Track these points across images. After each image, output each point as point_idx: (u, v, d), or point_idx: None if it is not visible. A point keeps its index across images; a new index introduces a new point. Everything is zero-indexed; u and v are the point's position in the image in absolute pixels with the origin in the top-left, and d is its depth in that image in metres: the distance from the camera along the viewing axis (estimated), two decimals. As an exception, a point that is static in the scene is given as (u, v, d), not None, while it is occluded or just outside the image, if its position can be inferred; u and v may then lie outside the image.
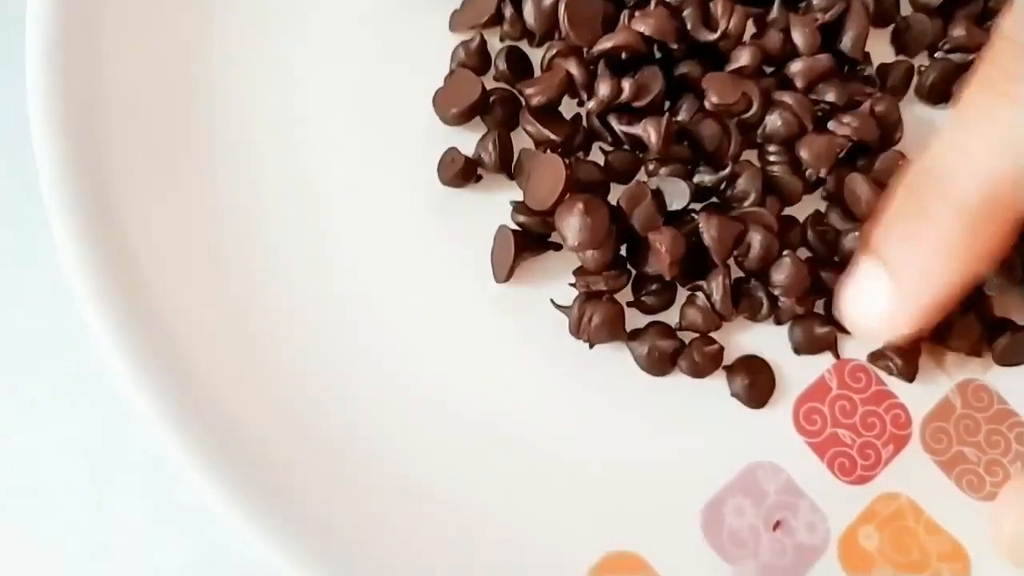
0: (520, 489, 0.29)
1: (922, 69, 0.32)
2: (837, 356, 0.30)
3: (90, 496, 0.30)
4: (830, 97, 0.30)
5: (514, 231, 0.29)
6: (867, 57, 0.32)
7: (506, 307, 0.30)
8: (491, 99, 0.30)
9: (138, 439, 0.30)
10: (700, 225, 0.29)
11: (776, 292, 0.29)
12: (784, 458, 0.29)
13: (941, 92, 0.32)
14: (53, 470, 0.30)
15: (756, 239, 0.29)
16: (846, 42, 0.31)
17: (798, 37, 0.30)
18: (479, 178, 0.30)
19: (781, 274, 0.29)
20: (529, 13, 0.30)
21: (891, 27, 0.33)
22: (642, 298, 0.30)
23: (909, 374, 0.30)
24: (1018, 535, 0.26)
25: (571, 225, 0.28)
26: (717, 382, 0.30)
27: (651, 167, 0.30)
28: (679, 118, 0.30)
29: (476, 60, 0.31)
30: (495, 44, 0.31)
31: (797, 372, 0.30)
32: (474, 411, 0.29)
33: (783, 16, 0.31)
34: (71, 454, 0.30)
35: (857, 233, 0.29)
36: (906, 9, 0.33)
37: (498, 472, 0.29)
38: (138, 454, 0.30)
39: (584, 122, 0.31)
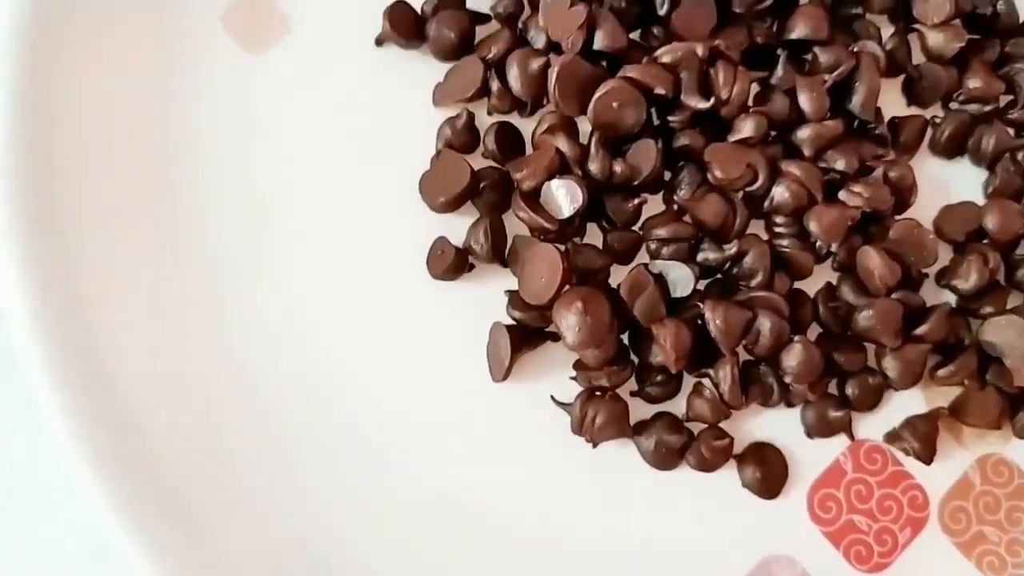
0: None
1: (937, 121, 0.31)
2: (852, 438, 0.29)
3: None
4: (840, 165, 0.29)
5: (510, 327, 0.28)
6: (879, 115, 0.30)
7: (505, 404, 0.28)
8: (481, 185, 0.28)
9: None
10: (706, 315, 0.27)
11: (787, 379, 0.28)
12: (799, 550, 0.28)
13: (957, 146, 0.31)
14: (53, 470, 0.29)
15: (766, 326, 0.27)
16: (856, 102, 0.29)
17: (805, 102, 0.29)
18: (471, 267, 0.28)
19: (792, 360, 0.28)
20: (515, 79, 0.28)
21: (903, 76, 0.31)
22: (647, 388, 0.28)
23: (927, 456, 0.29)
24: None
25: (569, 323, 0.26)
26: (728, 472, 0.28)
27: (653, 247, 0.29)
28: (681, 193, 0.29)
29: (464, 138, 0.29)
30: (483, 118, 0.29)
31: (810, 456, 0.29)
32: (477, 510, 0.28)
33: (789, 76, 0.29)
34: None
35: (870, 312, 0.28)
36: (917, 56, 0.31)
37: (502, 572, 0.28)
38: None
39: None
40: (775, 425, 0.29)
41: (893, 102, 0.31)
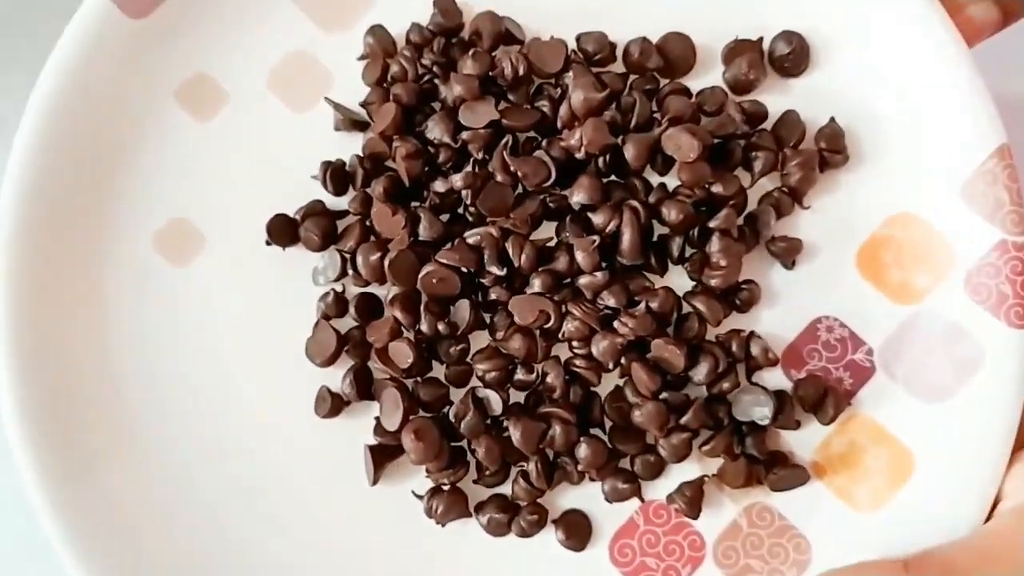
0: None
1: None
2: (642, 500, 0.39)
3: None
4: (611, 303, 0.38)
5: (373, 447, 0.39)
6: (647, 256, 0.39)
7: (380, 499, 0.39)
8: (345, 348, 0.39)
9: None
10: (509, 429, 0.37)
11: (580, 467, 0.38)
12: (604, 587, 0.39)
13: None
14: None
15: (557, 432, 0.38)
16: (623, 250, 0.38)
17: (580, 259, 0.38)
18: (348, 403, 0.39)
19: (582, 454, 0.38)
20: (362, 267, 0.39)
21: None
22: (482, 479, 0.39)
23: (693, 513, 0.38)
24: None
25: (408, 447, 0.37)
26: (548, 533, 0.39)
27: (480, 374, 0.39)
28: (497, 334, 0.39)
29: (335, 309, 0.39)
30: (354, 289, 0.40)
31: (611, 516, 0.39)
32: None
33: (572, 234, 0.38)
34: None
35: (640, 412, 0.38)
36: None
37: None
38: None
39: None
40: (583, 495, 0.39)
41: (670, 234, 0.40)
